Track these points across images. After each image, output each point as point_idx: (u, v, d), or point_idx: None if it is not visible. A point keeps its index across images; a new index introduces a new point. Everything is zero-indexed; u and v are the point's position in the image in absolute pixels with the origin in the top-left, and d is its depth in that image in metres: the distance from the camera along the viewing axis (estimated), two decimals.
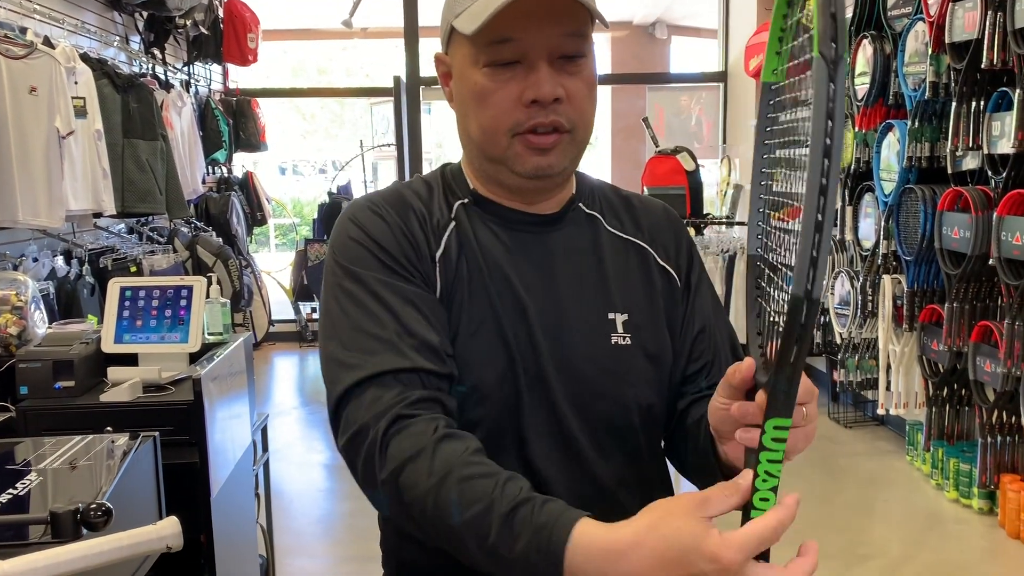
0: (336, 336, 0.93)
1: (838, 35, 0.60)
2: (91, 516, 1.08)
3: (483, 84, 0.94)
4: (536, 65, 0.92)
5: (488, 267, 0.99)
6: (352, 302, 0.94)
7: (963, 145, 3.43)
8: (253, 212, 6.88)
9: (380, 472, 0.85)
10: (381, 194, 1.03)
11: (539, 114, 0.93)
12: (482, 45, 0.93)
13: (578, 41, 0.93)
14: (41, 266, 3.65)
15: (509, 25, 0.90)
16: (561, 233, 1.04)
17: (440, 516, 0.81)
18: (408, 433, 0.85)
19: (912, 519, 3.63)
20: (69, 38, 4.03)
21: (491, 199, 1.03)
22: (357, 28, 7.32)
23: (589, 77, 0.96)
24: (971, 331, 3.47)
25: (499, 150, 0.97)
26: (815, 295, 0.64)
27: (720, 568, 0.68)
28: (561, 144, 0.96)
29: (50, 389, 2.00)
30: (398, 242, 0.97)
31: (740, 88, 6.60)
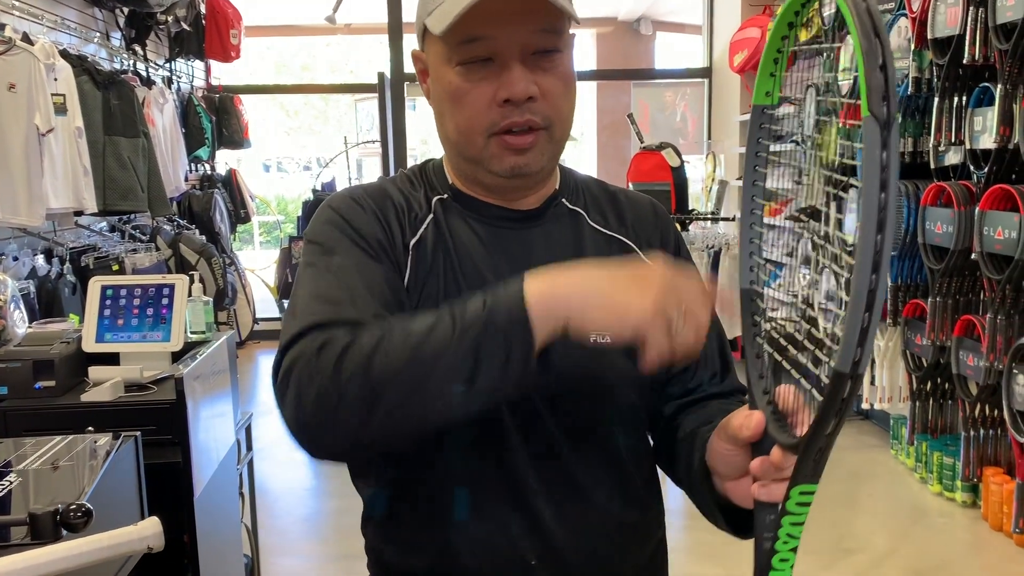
0: (294, 304, 0.89)
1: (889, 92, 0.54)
2: (71, 517, 1.07)
3: (457, 84, 0.93)
4: (508, 63, 0.91)
5: (462, 262, 0.98)
6: (314, 274, 0.91)
7: (946, 140, 3.45)
8: (237, 210, 6.84)
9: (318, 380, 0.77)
10: (362, 186, 1.03)
11: (513, 113, 0.92)
12: (454, 44, 0.92)
13: (551, 37, 0.92)
14: (21, 265, 3.61)
15: (479, 24, 0.89)
16: (541, 229, 1.02)
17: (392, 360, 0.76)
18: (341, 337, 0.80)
19: (896, 512, 3.66)
20: (49, 34, 3.98)
21: (470, 195, 1.02)
22: (341, 24, 7.29)
23: (565, 74, 0.95)
24: (954, 325, 3.49)
25: (475, 150, 0.96)
26: (861, 371, 0.61)
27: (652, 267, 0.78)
28: (538, 143, 0.95)
29: (31, 389, 1.98)
30: (370, 225, 0.96)
31: (725, 84, 6.62)
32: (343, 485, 0.90)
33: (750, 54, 5.80)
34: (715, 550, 3.30)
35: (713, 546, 3.32)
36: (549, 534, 0.95)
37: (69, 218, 4.00)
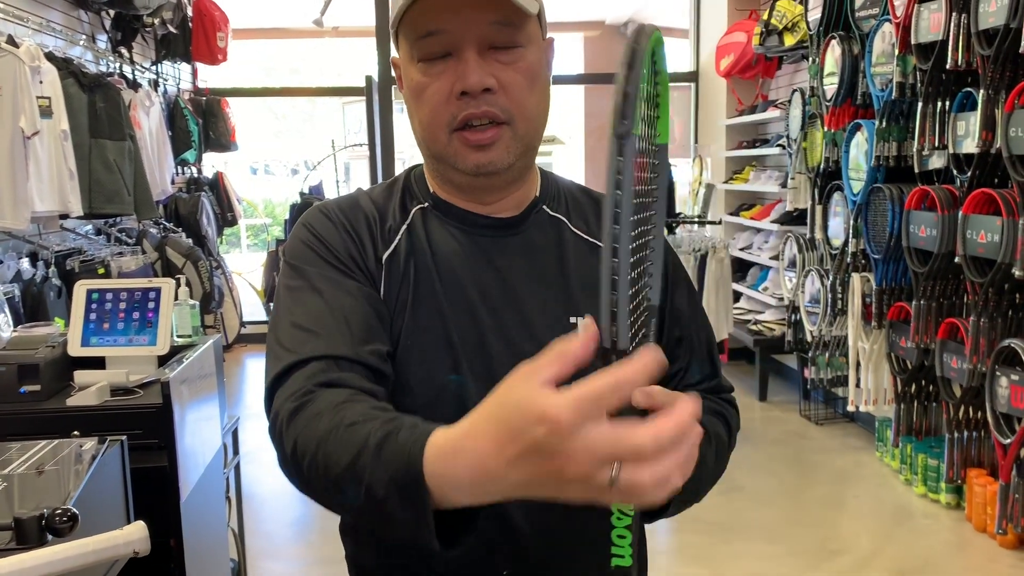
0: (274, 330, 0.92)
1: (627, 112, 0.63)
2: (56, 522, 1.07)
3: (418, 80, 0.94)
4: (465, 56, 0.91)
5: (440, 271, 0.98)
6: (291, 297, 0.93)
7: (929, 145, 3.48)
8: (224, 213, 6.82)
9: (286, 448, 0.81)
10: (336, 200, 1.03)
11: (470, 105, 0.92)
12: (413, 40, 0.93)
13: (508, 31, 0.92)
14: (6, 268, 3.59)
15: (434, 18, 0.90)
16: (521, 236, 1.02)
17: (326, 473, 0.76)
18: (313, 405, 0.81)
19: (881, 514, 3.68)
20: (34, 37, 3.96)
21: (450, 202, 1.02)
22: (328, 27, 7.28)
23: (528, 68, 0.94)
24: (938, 328, 3.52)
25: (440, 147, 0.96)
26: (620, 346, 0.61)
27: (553, 429, 0.57)
28: (501, 139, 0.94)
29: (15, 393, 1.97)
30: (342, 239, 0.97)
31: (711, 88, 6.65)
32: None
33: (736, 58, 5.83)
34: (701, 551, 3.31)
35: (699, 547, 3.33)
36: (524, 540, 0.96)
37: (54, 221, 3.98)
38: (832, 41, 4.27)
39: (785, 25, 5.04)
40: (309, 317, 0.91)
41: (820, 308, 4.50)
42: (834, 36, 4.25)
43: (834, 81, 4.26)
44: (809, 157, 4.65)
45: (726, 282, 4.86)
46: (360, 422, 0.76)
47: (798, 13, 4.90)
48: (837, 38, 4.22)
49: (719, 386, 1.09)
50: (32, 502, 1.28)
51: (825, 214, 4.48)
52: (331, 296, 0.92)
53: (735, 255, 5.89)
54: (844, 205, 4.26)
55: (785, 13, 5.03)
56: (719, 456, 0.99)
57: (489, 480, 0.63)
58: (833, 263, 4.39)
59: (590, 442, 0.57)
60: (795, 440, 4.64)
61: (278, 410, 0.84)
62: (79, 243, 4.48)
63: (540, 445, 0.58)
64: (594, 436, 0.57)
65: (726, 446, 1.01)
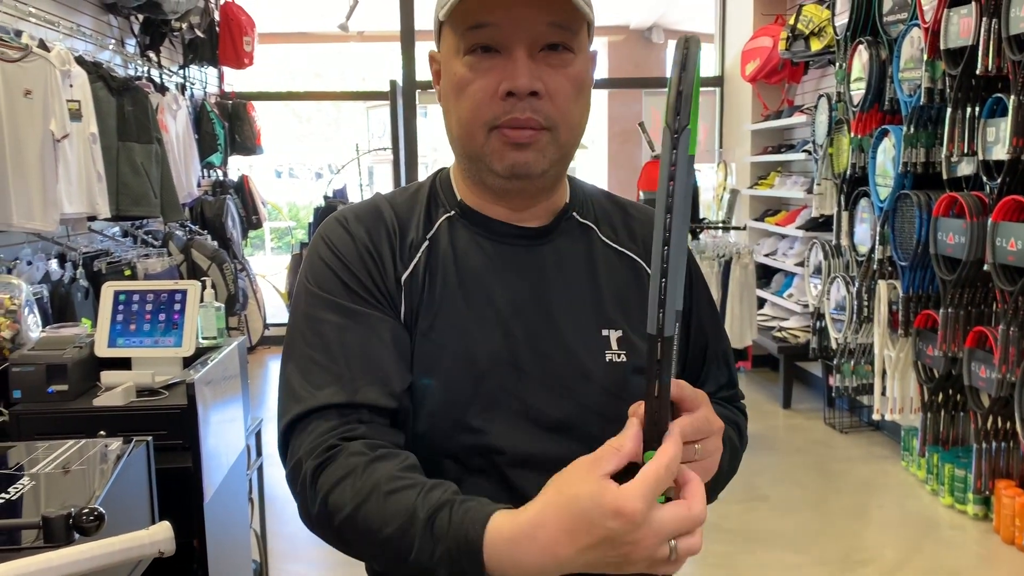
0: (292, 359, 0.92)
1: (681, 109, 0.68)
2: (83, 521, 1.08)
3: (462, 74, 0.91)
4: (515, 55, 0.88)
5: (466, 283, 0.95)
6: (311, 328, 0.92)
7: (958, 151, 3.44)
8: (248, 215, 6.87)
9: (312, 505, 0.84)
10: (357, 208, 1.00)
11: (515, 108, 0.89)
12: (462, 31, 0.90)
13: (563, 33, 0.89)
14: (35, 269, 3.63)
15: (488, 9, 0.87)
16: (552, 246, 0.99)
17: (367, 534, 0.79)
18: (339, 461, 0.83)
19: (907, 525, 3.63)
20: (64, 41, 4.02)
21: (478, 211, 0.99)
22: (353, 32, 7.32)
23: (576, 76, 0.91)
24: (966, 336, 3.47)
25: (476, 145, 0.93)
26: (667, 333, 0.70)
27: (627, 521, 0.67)
28: (539, 142, 0.91)
29: (43, 393, 2.00)
30: (363, 263, 0.94)
31: (736, 92, 6.62)
32: None
33: (762, 63, 5.80)
34: (724, 560, 3.28)
35: (722, 556, 3.31)
36: None
37: (82, 223, 4.03)
38: (859, 46, 4.24)
39: (812, 30, 5.00)
40: (327, 353, 0.90)
41: (846, 315, 4.46)
42: (861, 41, 4.22)
43: (861, 86, 4.23)
44: (835, 163, 4.61)
45: (750, 288, 4.82)
46: (399, 489, 0.79)
47: (825, 18, 4.86)
48: (865, 43, 4.19)
49: (734, 395, 1.09)
50: (58, 501, 1.30)
51: (851, 220, 4.43)
52: (351, 331, 0.91)
53: (760, 261, 5.85)
54: (871, 211, 4.22)
55: (812, 18, 5.00)
56: (732, 459, 1.01)
57: (557, 566, 0.71)
58: (859, 270, 4.35)
59: (657, 527, 0.68)
60: (819, 449, 4.59)
61: (300, 464, 0.86)
62: (106, 245, 4.53)
63: (614, 536, 0.67)
64: (660, 522, 0.68)
65: (738, 450, 1.04)
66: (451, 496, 0.77)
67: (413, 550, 0.76)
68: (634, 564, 0.69)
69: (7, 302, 2.22)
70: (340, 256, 0.94)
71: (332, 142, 16.64)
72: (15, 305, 2.23)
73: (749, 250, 4.95)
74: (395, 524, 0.77)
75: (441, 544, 0.74)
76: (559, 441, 0.94)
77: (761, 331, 5.45)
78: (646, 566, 0.69)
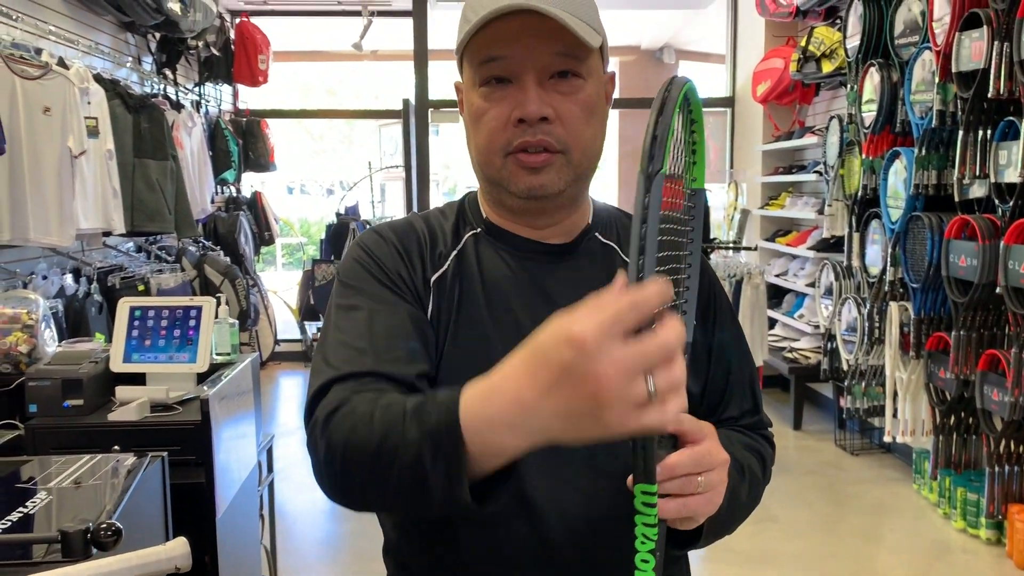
0: (323, 346, 0.95)
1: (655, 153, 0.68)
2: (101, 536, 1.09)
3: (478, 104, 0.96)
4: (524, 84, 0.93)
5: (489, 295, 0.99)
6: (339, 314, 0.96)
7: (970, 173, 3.44)
8: (261, 232, 6.91)
9: (321, 449, 0.83)
10: (390, 223, 1.06)
11: (526, 133, 0.94)
12: (476, 64, 0.95)
13: (570, 61, 0.94)
14: (50, 284, 3.66)
15: (498, 44, 0.93)
16: (574, 263, 1.03)
17: (365, 451, 0.79)
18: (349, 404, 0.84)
19: (919, 548, 3.61)
20: (83, 59, 4.07)
21: (502, 228, 1.04)
22: (367, 51, 7.38)
23: (586, 100, 0.96)
24: (978, 359, 3.46)
25: (494, 170, 0.98)
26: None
27: (578, 348, 0.60)
28: (553, 165, 0.96)
29: (59, 407, 2.01)
30: (393, 259, 0.99)
31: (747, 113, 6.64)
32: None
33: (773, 84, 5.81)
34: None
35: None
36: (564, 568, 0.96)
37: (98, 238, 4.06)
38: (871, 68, 4.25)
39: (823, 52, 5.02)
40: (355, 334, 0.93)
41: (857, 336, 4.45)
42: (873, 63, 4.23)
43: (872, 108, 4.24)
44: (847, 184, 4.62)
45: (761, 309, 4.82)
46: (396, 402, 0.80)
47: (836, 40, 4.88)
48: (876, 65, 4.20)
49: (759, 422, 1.09)
50: (73, 516, 1.31)
51: (863, 242, 4.43)
52: (378, 315, 0.94)
53: (770, 281, 5.84)
54: (882, 233, 4.22)
55: (823, 40, 5.02)
56: (752, 490, 0.99)
57: (527, 414, 0.66)
58: (870, 291, 4.35)
59: (617, 357, 0.60)
60: (830, 470, 4.57)
61: (316, 417, 0.86)
62: (120, 260, 4.57)
63: (570, 367, 0.61)
64: (620, 351, 0.60)
65: (760, 481, 1.02)
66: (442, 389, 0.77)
67: (398, 448, 0.75)
68: (609, 411, 0.61)
69: (24, 317, 2.24)
70: (372, 254, 1.00)
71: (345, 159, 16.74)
72: (32, 320, 2.25)
73: (760, 270, 4.95)
74: (383, 428, 0.77)
75: (421, 427, 0.74)
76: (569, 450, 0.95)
77: (772, 352, 5.43)
78: (623, 415, 0.61)
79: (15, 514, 1.28)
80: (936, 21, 3.66)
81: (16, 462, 1.63)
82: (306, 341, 7.21)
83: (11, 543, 1.20)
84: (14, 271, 3.44)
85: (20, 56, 3.30)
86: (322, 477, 0.85)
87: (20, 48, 3.37)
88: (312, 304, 6.80)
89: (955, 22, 3.50)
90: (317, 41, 8.60)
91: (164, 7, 4.47)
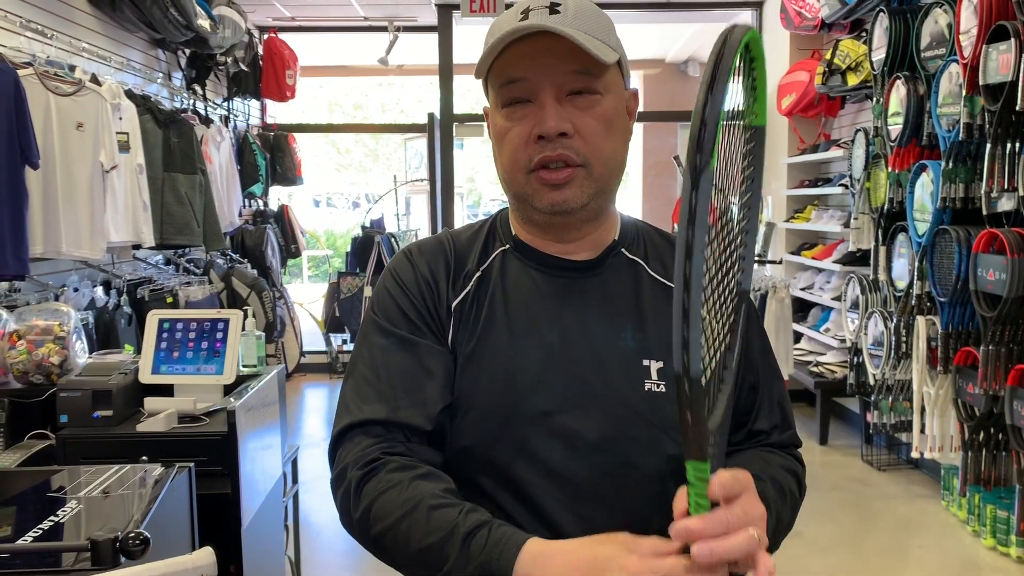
0: (351, 377, 1.02)
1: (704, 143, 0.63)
2: (130, 544, 1.11)
3: (501, 124, 1.00)
4: (543, 102, 0.97)
5: (512, 310, 1.02)
6: (368, 351, 1.02)
7: (998, 187, 3.41)
8: (287, 244, 6.98)
9: (355, 511, 0.93)
10: (422, 242, 1.10)
11: (546, 148, 0.97)
12: (498, 87, 1.00)
13: (586, 79, 0.97)
14: (81, 296, 3.72)
15: (516, 66, 0.97)
16: (599, 279, 1.05)
17: (406, 543, 0.88)
18: (383, 474, 0.92)
19: (947, 566, 3.55)
20: (115, 75, 4.15)
21: (529, 244, 1.06)
22: (393, 66, 7.45)
23: (604, 114, 0.98)
24: (1008, 374, 3.41)
25: (518, 187, 1.01)
26: (693, 374, 0.68)
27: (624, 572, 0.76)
28: (575, 179, 0.98)
29: (89, 418, 2.05)
30: (421, 292, 1.04)
31: (772, 126, 6.61)
32: None
33: (798, 97, 5.79)
34: None
35: None
36: None
37: (128, 251, 4.13)
38: (897, 81, 4.23)
39: (848, 65, 5.00)
40: (376, 373, 1.00)
41: (883, 351, 4.40)
42: (899, 76, 4.21)
43: (899, 121, 4.21)
44: (873, 197, 4.59)
45: (786, 322, 4.79)
46: (442, 506, 0.88)
47: (862, 53, 4.86)
48: (902, 78, 4.18)
49: (791, 438, 1.09)
50: (101, 525, 1.33)
51: (889, 255, 4.40)
52: (399, 355, 1.00)
53: (796, 295, 5.80)
54: (909, 246, 4.18)
55: (848, 53, 5.00)
56: (793, 512, 1.03)
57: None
58: (897, 305, 4.31)
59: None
60: (856, 486, 4.52)
61: (346, 472, 0.94)
62: (149, 272, 4.63)
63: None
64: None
65: (798, 502, 1.05)
66: (488, 519, 0.86)
67: (449, 561, 0.84)
68: None
69: (56, 328, 2.28)
70: (401, 284, 1.05)
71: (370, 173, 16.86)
72: (64, 331, 2.29)
73: (785, 284, 4.92)
74: (435, 536, 0.86)
75: (474, 560, 0.83)
76: (587, 462, 0.98)
77: (797, 366, 5.39)
78: None
79: (46, 523, 1.30)
80: (963, 34, 3.64)
81: (47, 471, 1.67)
82: (331, 353, 7.26)
83: (42, 551, 1.22)
84: (47, 283, 3.50)
85: (55, 73, 3.37)
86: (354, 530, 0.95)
87: (54, 65, 3.44)
88: (337, 316, 6.85)
89: (982, 34, 3.47)
90: (344, 56, 8.69)
91: (194, 24, 4.55)
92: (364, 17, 6.86)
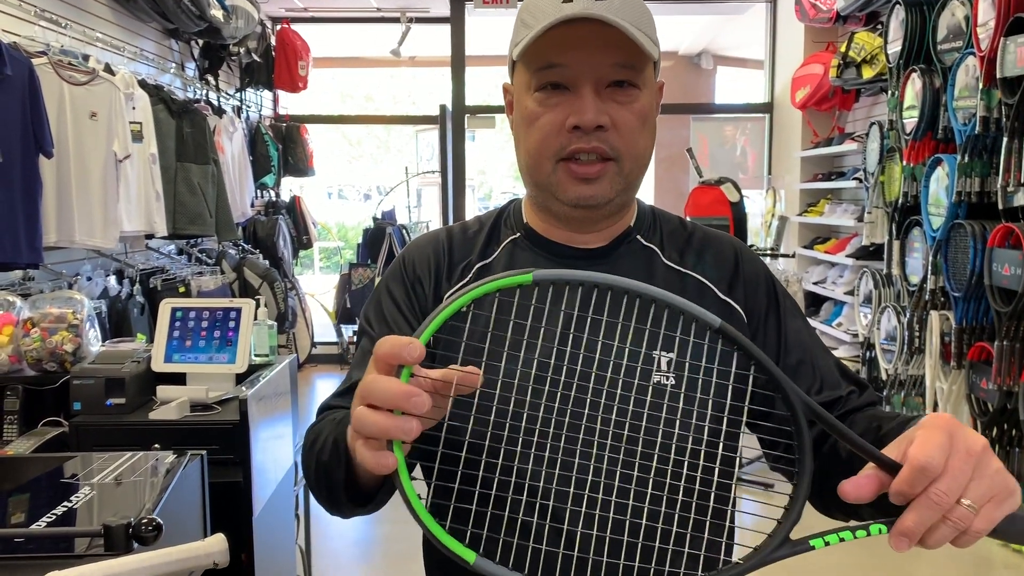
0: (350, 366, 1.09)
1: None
2: (142, 530, 1.11)
3: (532, 108, 0.96)
4: (582, 91, 0.93)
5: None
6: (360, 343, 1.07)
7: (1014, 181, 3.38)
8: (299, 235, 7.00)
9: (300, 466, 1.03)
10: (419, 238, 1.11)
11: (580, 140, 0.94)
12: (533, 70, 0.95)
13: (628, 72, 0.94)
14: (94, 285, 3.74)
15: (557, 51, 0.92)
16: (609, 266, 1.03)
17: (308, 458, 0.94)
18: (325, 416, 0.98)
19: (960, 563, 3.54)
20: (129, 65, 4.16)
21: (542, 234, 1.05)
22: (405, 57, 7.45)
23: (641, 109, 0.96)
24: (1022, 370, 3.39)
25: (543, 176, 0.98)
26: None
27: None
28: (607, 174, 0.96)
29: (102, 406, 2.05)
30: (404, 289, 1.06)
31: (786, 119, 6.58)
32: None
33: (813, 90, 5.76)
34: None
35: None
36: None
37: (140, 241, 4.14)
38: (912, 74, 4.19)
39: (863, 58, 4.97)
40: (353, 367, 1.05)
41: (896, 346, 4.38)
42: (915, 69, 4.17)
43: (914, 114, 4.18)
44: (887, 191, 4.56)
45: None
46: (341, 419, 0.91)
47: (877, 46, 4.83)
48: (918, 71, 4.14)
49: (871, 395, 1.05)
50: (114, 511, 1.34)
51: (903, 249, 4.37)
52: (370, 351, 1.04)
53: (808, 289, 5.78)
54: (923, 241, 4.15)
55: (864, 46, 4.96)
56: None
57: None
58: (911, 300, 4.28)
59: None
60: None
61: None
62: (162, 262, 4.65)
63: None
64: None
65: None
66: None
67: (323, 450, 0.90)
68: None
69: (70, 316, 2.29)
70: (389, 288, 1.08)
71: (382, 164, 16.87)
72: (77, 320, 2.30)
73: (798, 278, 4.90)
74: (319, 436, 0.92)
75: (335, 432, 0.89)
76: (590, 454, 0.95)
77: None
78: None
79: (59, 508, 1.31)
80: (980, 26, 3.61)
81: (60, 458, 1.67)
82: (342, 344, 7.28)
83: (55, 536, 1.23)
84: (60, 272, 3.52)
85: (69, 62, 3.38)
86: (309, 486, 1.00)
87: (68, 54, 3.45)
88: (348, 307, 6.87)
89: (1000, 27, 3.44)
90: (356, 47, 8.70)
91: (207, 14, 4.55)
92: (377, 8, 6.86)
